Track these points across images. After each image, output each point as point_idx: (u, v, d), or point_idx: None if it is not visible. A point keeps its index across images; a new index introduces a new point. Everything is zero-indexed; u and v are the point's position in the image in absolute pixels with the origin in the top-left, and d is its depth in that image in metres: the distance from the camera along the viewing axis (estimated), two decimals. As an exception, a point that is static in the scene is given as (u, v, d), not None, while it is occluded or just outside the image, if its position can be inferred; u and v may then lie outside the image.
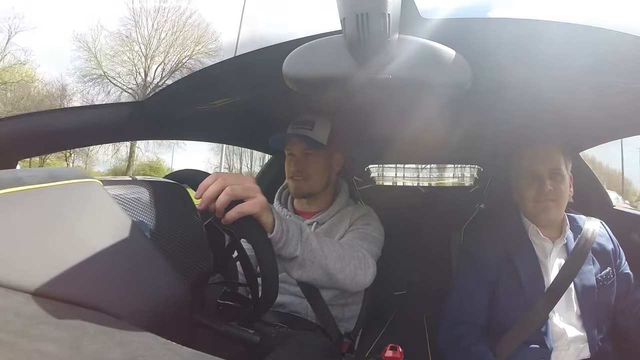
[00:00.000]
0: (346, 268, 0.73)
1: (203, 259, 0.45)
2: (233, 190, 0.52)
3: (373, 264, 0.83)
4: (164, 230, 0.42)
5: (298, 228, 0.64)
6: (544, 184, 0.90)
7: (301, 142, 1.00)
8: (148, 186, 0.45)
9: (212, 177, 0.54)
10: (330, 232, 1.00)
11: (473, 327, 0.92)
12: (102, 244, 0.34)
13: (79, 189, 0.36)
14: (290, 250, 0.61)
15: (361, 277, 0.77)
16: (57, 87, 13.08)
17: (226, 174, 0.56)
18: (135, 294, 0.35)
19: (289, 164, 1.03)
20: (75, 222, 0.33)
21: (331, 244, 0.73)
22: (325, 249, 0.69)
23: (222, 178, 0.54)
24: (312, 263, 0.65)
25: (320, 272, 0.68)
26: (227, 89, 0.86)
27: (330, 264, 0.69)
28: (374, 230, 0.99)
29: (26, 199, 0.31)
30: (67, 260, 0.31)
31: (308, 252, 0.64)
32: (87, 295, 0.30)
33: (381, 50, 0.53)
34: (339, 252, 0.72)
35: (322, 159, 1.02)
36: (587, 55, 0.61)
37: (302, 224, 0.67)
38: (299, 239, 0.63)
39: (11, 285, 0.27)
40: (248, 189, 0.54)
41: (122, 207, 0.38)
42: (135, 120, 0.86)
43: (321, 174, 1.03)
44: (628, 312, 0.89)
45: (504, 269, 0.94)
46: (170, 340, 0.27)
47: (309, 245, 0.65)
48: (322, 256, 0.67)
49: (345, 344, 1.01)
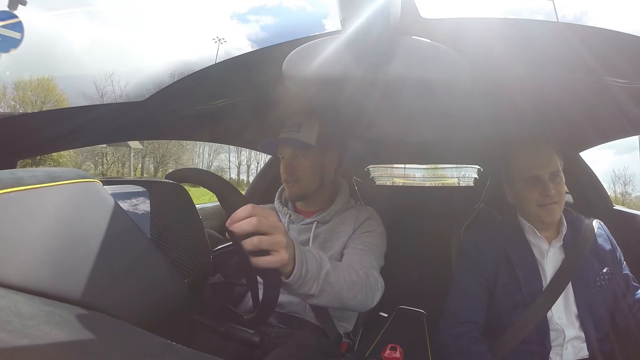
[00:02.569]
0: (358, 295, 0.74)
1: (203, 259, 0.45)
2: (260, 243, 0.53)
3: (382, 286, 0.84)
4: (164, 230, 0.41)
5: (318, 265, 0.64)
6: (548, 188, 0.90)
7: (288, 145, 1.00)
8: (148, 186, 0.45)
9: (246, 212, 0.54)
10: (332, 234, 1.00)
11: (472, 327, 0.92)
12: (102, 244, 0.34)
13: (79, 189, 0.36)
14: (305, 289, 0.62)
15: (370, 300, 0.79)
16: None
17: (258, 212, 0.55)
18: (135, 294, 0.35)
19: (282, 168, 1.04)
20: (75, 222, 0.33)
21: (347, 272, 0.73)
22: (341, 279, 0.69)
23: (256, 221, 0.53)
24: (327, 294, 0.66)
25: (334, 301, 0.69)
26: (227, 89, 0.86)
27: (344, 294, 0.70)
28: (378, 238, 0.99)
29: (26, 199, 0.31)
30: (67, 260, 0.31)
31: (325, 286, 0.65)
32: (87, 295, 0.30)
33: (381, 50, 0.53)
34: (353, 281, 0.73)
35: (312, 159, 1.02)
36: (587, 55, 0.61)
37: (323, 258, 0.67)
38: (317, 277, 0.64)
39: (11, 285, 0.27)
40: (275, 244, 0.55)
41: (122, 207, 0.38)
42: (135, 120, 0.86)
43: (312, 174, 1.03)
44: (628, 312, 0.89)
45: (502, 267, 0.94)
46: (170, 340, 0.27)
47: (327, 280, 0.65)
48: (338, 288, 0.68)
49: (345, 344, 1.01)
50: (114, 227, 0.36)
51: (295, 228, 1.05)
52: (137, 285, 0.36)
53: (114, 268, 0.34)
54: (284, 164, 1.03)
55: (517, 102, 0.89)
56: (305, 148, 0.99)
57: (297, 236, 1.04)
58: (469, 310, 0.94)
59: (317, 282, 0.63)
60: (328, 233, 1.01)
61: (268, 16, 35.62)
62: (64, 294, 0.29)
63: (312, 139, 1.00)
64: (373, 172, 2.25)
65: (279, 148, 1.04)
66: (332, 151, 1.06)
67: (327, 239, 1.00)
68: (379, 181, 2.32)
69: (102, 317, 0.30)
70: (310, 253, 0.64)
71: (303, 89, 0.64)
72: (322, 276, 0.64)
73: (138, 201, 0.43)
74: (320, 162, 1.04)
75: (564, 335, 0.86)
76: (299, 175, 1.01)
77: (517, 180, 0.96)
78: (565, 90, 0.81)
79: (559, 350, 0.86)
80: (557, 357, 0.85)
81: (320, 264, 0.65)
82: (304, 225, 1.04)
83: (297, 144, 0.98)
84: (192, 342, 0.51)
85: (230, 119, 1.08)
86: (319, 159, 1.04)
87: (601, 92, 0.79)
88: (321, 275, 0.64)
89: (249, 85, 0.85)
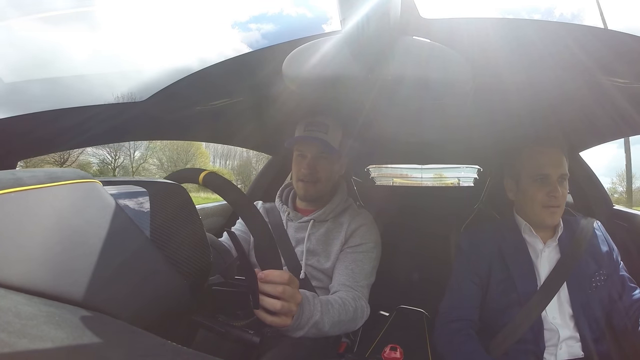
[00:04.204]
0: (342, 328, 0.81)
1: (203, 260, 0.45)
2: (281, 309, 0.61)
3: (367, 314, 0.90)
4: (164, 230, 0.41)
5: (310, 314, 0.70)
6: (556, 189, 0.90)
7: (318, 145, 0.99)
8: (148, 186, 0.45)
9: (281, 280, 0.61)
10: (325, 243, 1.01)
11: (466, 324, 0.92)
12: (102, 244, 0.34)
13: (79, 189, 0.36)
14: (291, 334, 0.68)
15: (351, 329, 0.86)
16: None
17: (291, 282, 0.63)
18: (135, 294, 0.35)
19: (299, 166, 1.02)
20: (75, 222, 0.33)
21: (337, 313, 0.78)
22: (328, 323, 0.74)
23: (282, 289, 0.61)
24: (311, 334, 0.72)
25: (316, 336, 0.75)
26: (227, 89, 0.86)
27: (328, 332, 0.75)
28: (372, 249, 1.00)
29: (26, 199, 0.31)
30: (67, 260, 0.31)
31: (311, 330, 0.70)
32: (87, 295, 0.30)
33: (381, 50, 0.53)
34: (340, 320, 0.79)
35: (332, 163, 1.03)
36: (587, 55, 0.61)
37: (315, 307, 0.72)
38: (305, 325, 0.69)
39: (11, 286, 0.27)
40: (287, 311, 0.63)
41: (122, 207, 0.38)
42: (135, 120, 0.86)
43: (330, 178, 1.04)
44: (624, 313, 0.89)
45: (496, 266, 0.94)
46: (170, 340, 0.27)
47: (315, 326, 0.71)
48: (323, 330, 0.74)
49: (343, 344, 1.01)
50: (113, 227, 0.36)
51: (292, 225, 1.06)
52: (137, 286, 0.36)
53: (114, 268, 0.34)
54: (305, 163, 1.01)
55: (517, 101, 0.89)
56: (332, 151, 1.00)
57: (294, 234, 1.05)
58: (462, 308, 0.95)
59: (303, 329, 0.69)
60: (323, 236, 1.02)
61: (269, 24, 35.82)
62: (63, 294, 0.29)
63: (337, 142, 1.02)
64: (373, 172, 2.25)
65: (300, 145, 1.03)
66: (344, 158, 1.09)
67: (320, 242, 1.01)
68: (379, 181, 2.32)
69: (102, 317, 0.30)
70: (307, 303, 0.70)
71: (303, 89, 0.64)
72: (309, 324, 0.70)
73: (138, 201, 0.43)
74: (336, 166, 1.06)
75: (558, 335, 0.86)
76: (319, 176, 1.01)
77: (524, 177, 0.95)
78: (565, 90, 0.81)
79: (553, 350, 0.86)
80: (551, 356, 0.86)
81: (312, 314, 0.70)
82: (301, 223, 1.05)
83: (327, 146, 0.99)
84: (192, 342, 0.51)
85: (230, 119, 1.08)
86: (336, 164, 1.05)
87: (601, 92, 0.79)
88: (309, 324, 0.69)
89: (249, 85, 0.85)
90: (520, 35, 0.61)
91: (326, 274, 0.99)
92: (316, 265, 1.00)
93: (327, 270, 0.99)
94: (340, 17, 0.49)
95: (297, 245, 1.03)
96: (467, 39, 0.59)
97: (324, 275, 0.99)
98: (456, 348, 0.88)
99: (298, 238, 1.04)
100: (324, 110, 1.03)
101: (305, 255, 1.00)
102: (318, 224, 1.04)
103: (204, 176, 0.63)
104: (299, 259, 1.00)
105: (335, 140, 1.01)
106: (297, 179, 1.03)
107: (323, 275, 0.99)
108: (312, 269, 1.00)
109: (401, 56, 0.55)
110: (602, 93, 0.79)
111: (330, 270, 0.98)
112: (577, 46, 0.61)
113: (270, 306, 0.60)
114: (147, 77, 0.80)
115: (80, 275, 0.31)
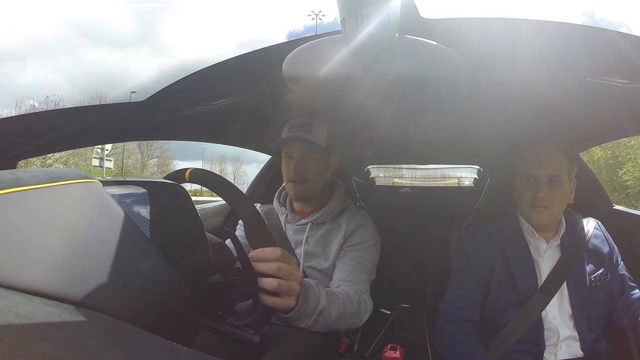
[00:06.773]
0: (348, 321, 0.80)
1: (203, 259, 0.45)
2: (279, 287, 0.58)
3: (370, 308, 0.89)
4: (164, 230, 0.41)
5: (316, 302, 0.68)
6: (540, 189, 0.90)
7: (302, 145, 1.00)
8: (148, 186, 0.45)
9: (273, 256, 0.58)
10: (324, 245, 1.01)
11: (466, 324, 0.92)
12: (102, 244, 0.34)
13: (79, 189, 0.36)
14: (298, 323, 0.67)
15: (357, 323, 0.85)
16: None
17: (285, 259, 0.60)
18: (135, 294, 0.35)
19: (287, 167, 1.03)
20: (75, 222, 0.33)
21: (342, 303, 0.77)
22: (334, 312, 0.73)
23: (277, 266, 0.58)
24: (318, 324, 0.70)
25: (323, 328, 0.73)
26: (227, 89, 0.86)
27: (334, 323, 0.74)
28: (372, 247, 1.00)
29: (26, 199, 0.31)
30: (67, 260, 0.31)
31: (318, 319, 0.69)
32: (87, 295, 0.30)
33: (381, 50, 0.53)
34: (346, 312, 0.78)
35: (320, 161, 1.03)
36: (587, 55, 0.61)
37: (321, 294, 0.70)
38: (312, 313, 0.68)
39: (11, 286, 0.27)
40: (289, 290, 0.60)
41: (122, 207, 0.38)
42: (135, 120, 0.86)
43: (319, 176, 1.03)
44: (624, 313, 0.90)
45: (498, 266, 0.94)
46: (170, 340, 0.27)
47: (321, 315, 0.69)
48: (330, 320, 0.72)
49: (344, 344, 1.01)
50: (113, 228, 0.36)
51: (291, 228, 1.06)
52: (137, 286, 0.36)
53: (114, 268, 0.34)
54: (292, 164, 1.02)
55: (517, 102, 0.89)
56: (317, 150, 1.00)
57: (292, 236, 1.05)
58: (463, 308, 0.95)
59: (311, 317, 0.67)
60: (322, 238, 1.02)
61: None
62: (63, 294, 0.29)
63: (323, 140, 1.01)
64: (373, 173, 2.25)
65: (285, 146, 1.03)
66: (335, 153, 1.08)
67: (318, 243, 1.01)
68: (379, 182, 2.32)
69: (102, 317, 0.30)
70: (312, 288, 0.68)
71: (303, 88, 0.64)
72: (317, 312, 0.68)
73: (138, 202, 0.43)
74: (325, 164, 1.05)
75: (558, 335, 0.86)
76: (307, 175, 1.01)
77: (517, 176, 0.96)
78: (565, 90, 0.81)
79: (553, 350, 0.86)
80: (551, 356, 0.86)
81: (318, 300, 0.69)
82: (299, 225, 1.05)
83: (311, 145, 0.99)
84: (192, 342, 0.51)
85: (230, 119, 1.08)
86: (325, 161, 1.05)
87: (601, 92, 0.79)
88: (316, 311, 0.68)
89: (250, 85, 0.85)
90: (520, 35, 0.61)
91: (326, 274, 0.99)
92: (315, 266, 1.00)
93: (326, 270, 0.99)
94: (340, 17, 0.49)
95: (296, 247, 1.04)
96: (467, 39, 0.59)
97: (323, 276, 0.99)
98: (456, 348, 0.88)
99: (297, 240, 1.04)
100: (324, 111, 1.02)
101: (304, 258, 1.01)
102: (316, 227, 1.04)
103: (189, 173, 0.64)
104: (298, 260, 1.00)
105: (321, 137, 1.01)
106: (287, 180, 1.04)
107: (323, 276, 0.99)
108: (311, 270, 1.00)
109: (401, 56, 0.55)
110: (602, 93, 0.79)
111: (330, 270, 0.98)
112: (578, 46, 0.61)
113: (268, 285, 0.57)
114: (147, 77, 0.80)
115: (80, 275, 0.31)
